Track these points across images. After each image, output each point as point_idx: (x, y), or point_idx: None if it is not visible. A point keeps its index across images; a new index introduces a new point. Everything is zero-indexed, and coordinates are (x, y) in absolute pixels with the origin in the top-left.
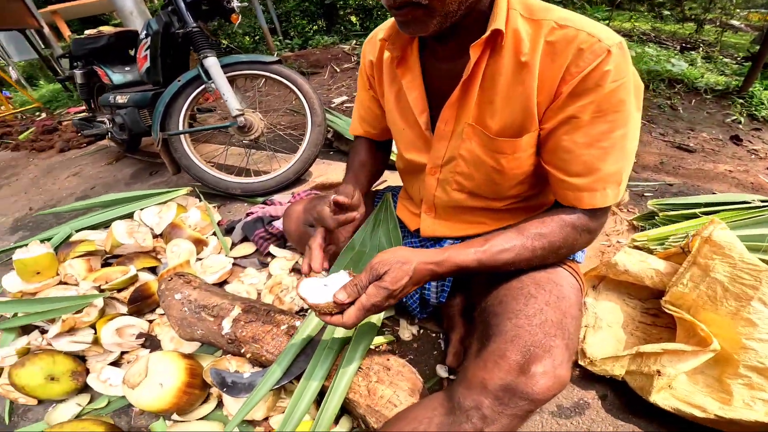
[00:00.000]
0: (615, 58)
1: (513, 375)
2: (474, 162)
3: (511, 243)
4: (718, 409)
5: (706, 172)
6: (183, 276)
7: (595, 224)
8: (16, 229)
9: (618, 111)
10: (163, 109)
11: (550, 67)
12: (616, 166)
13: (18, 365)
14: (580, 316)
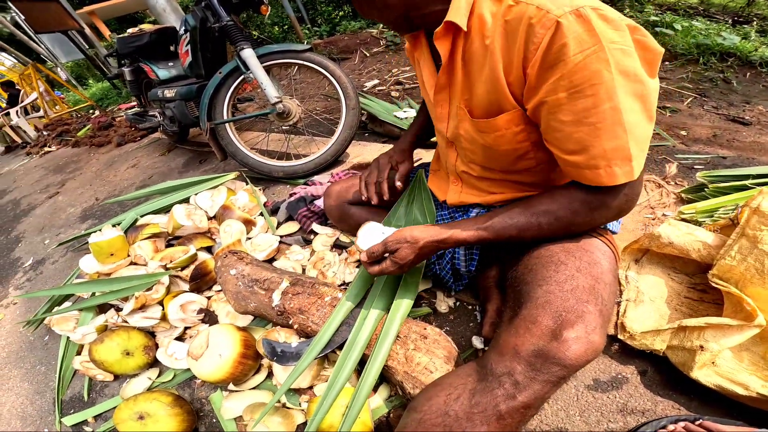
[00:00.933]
0: (571, 28)
1: (545, 340)
2: (470, 140)
3: (514, 220)
4: (761, 387)
5: (762, 145)
6: (236, 253)
7: (615, 200)
8: (85, 217)
9: (596, 83)
10: (209, 101)
11: (510, 48)
12: (616, 142)
13: (97, 341)
14: (614, 283)
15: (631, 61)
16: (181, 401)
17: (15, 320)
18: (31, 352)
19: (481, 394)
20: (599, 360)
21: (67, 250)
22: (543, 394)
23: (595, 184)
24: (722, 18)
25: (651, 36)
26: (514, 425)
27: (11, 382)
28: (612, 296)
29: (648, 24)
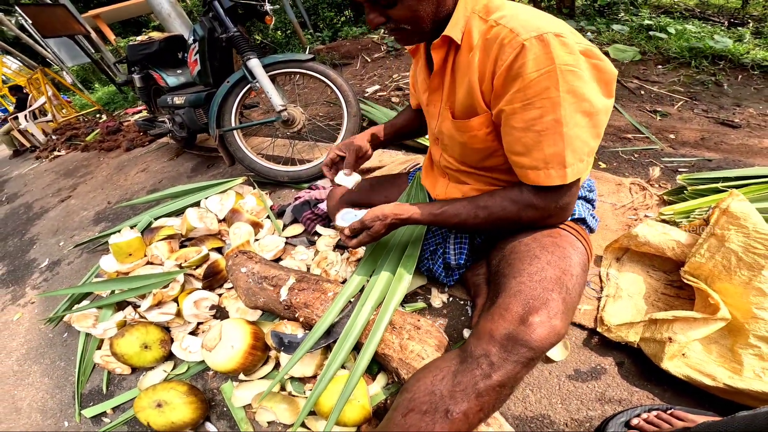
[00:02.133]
0: (532, 50)
1: (515, 325)
2: (449, 137)
3: (459, 211)
4: (728, 378)
5: (750, 147)
6: (246, 253)
7: (542, 202)
8: (98, 220)
9: (545, 98)
10: (217, 109)
11: (484, 62)
12: (554, 149)
13: (118, 335)
14: (581, 276)
15: (580, 82)
16: (195, 390)
17: (33, 319)
18: (51, 348)
19: (462, 374)
20: (580, 351)
21: (82, 251)
22: (515, 374)
23: (534, 184)
24: (718, 20)
25: (607, 59)
26: (491, 402)
27: (31, 378)
28: (578, 287)
29: (642, 28)
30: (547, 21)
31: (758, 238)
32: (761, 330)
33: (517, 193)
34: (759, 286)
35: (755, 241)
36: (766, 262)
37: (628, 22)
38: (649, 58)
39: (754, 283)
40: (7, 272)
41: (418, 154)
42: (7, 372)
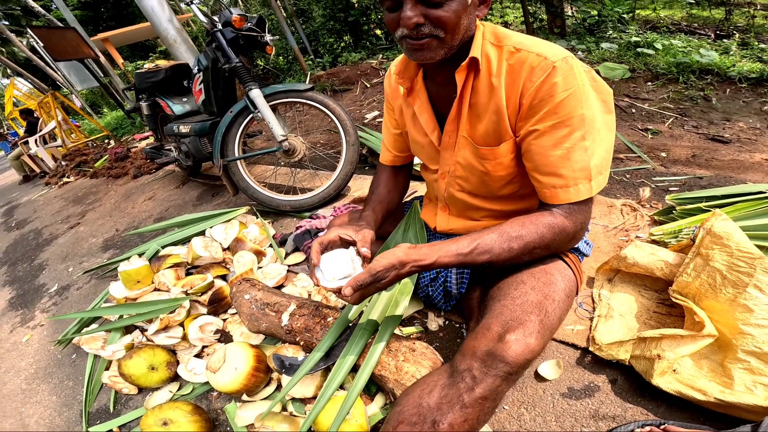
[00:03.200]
0: (561, 71)
1: (494, 342)
2: (468, 167)
3: (490, 246)
4: (719, 393)
5: (741, 163)
6: (249, 281)
7: (572, 225)
8: (107, 247)
9: (573, 116)
10: (221, 138)
11: (512, 86)
12: (581, 164)
13: (127, 357)
14: (564, 301)
15: (596, 101)
16: (199, 410)
17: (43, 340)
18: (59, 368)
19: (448, 388)
20: (573, 370)
21: (91, 277)
22: (495, 387)
23: (565, 202)
24: (704, 33)
25: (601, 79)
26: (475, 414)
27: (39, 396)
28: (558, 311)
29: (630, 45)
30: (558, 47)
31: (741, 256)
32: (749, 345)
33: (550, 218)
34: (744, 303)
35: (738, 260)
36: (749, 280)
37: (617, 39)
38: (639, 75)
39: (739, 300)
40: (17, 296)
41: (415, 182)
42: (16, 390)
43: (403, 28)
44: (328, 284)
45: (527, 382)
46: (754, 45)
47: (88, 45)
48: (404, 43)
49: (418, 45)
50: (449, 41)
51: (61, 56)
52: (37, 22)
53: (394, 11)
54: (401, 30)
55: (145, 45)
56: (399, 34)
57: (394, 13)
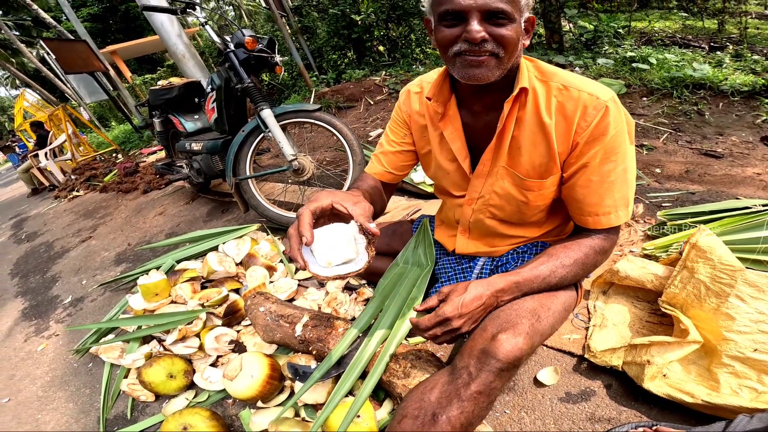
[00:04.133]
0: (612, 111)
1: (487, 342)
2: (506, 197)
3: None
4: (706, 395)
5: (733, 177)
6: (263, 294)
7: (609, 243)
8: (119, 261)
9: (618, 152)
10: (233, 157)
11: (563, 123)
12: (622, 193)
13: (146, 365)
14: (560, 311)
15: (630, 130)
16: (216, 416)
17: (58, 349)
18: (76, 377)
19: (448, 385)
20: (570, 376)
21: (105, 290)
22: (489, 383)
23: (606, 227)
24: (698, 45)
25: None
26: (471, 408)
27: (56, 403)
28: (551, 319)
29: (626, 60)
30: (602, 85)
31: (723, 269)
32: (732, 350)
33: (595, 241)
34: (726, 312)
35: (720, 272)
36: (731, 290)
37: (613, 54)
38: (634, 90)
39: (722, 309)
40: (30, 306)
41: (420, 200)
42: (32, 397)
43: (462, 44)
44: (321, 271)
45: (527, 388)
46: (747, 56)
47: (98, 58)
48: (460, 60)
49: (477, 61)
50: (506, 62)
51: (71, 69)
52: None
53: (452, 27)
54: (459, 45)
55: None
56: (455, 50)
57: (453, 29)
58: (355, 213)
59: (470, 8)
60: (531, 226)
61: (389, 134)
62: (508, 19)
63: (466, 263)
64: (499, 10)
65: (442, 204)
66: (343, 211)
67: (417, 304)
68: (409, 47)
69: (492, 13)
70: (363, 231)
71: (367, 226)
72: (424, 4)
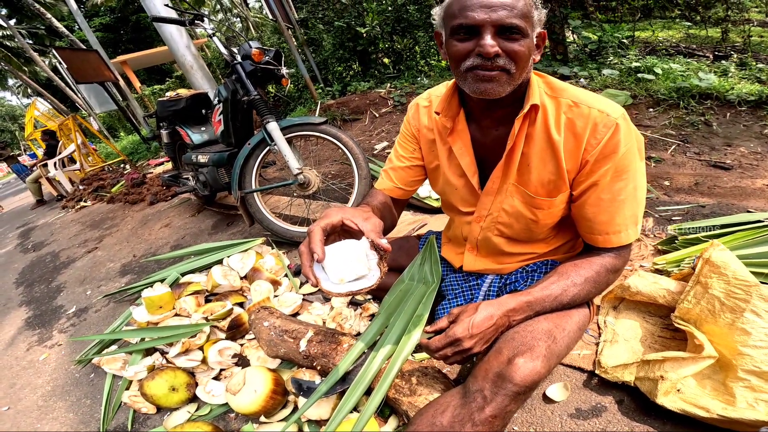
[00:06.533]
0: (622, 128)
1: (503, 365)
2: (515, 215)
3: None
4: (721, 410)
5: (742, 189)
6: (267, 308)
7: (621, 261)
8: (124, 272)
9: (628, 170)
10: (239, 170)
11: (573, 140)
12: (631, 212)
13: (149, 378)
14: (574, 330)
15: (640, 147)
16: (218, 430)
17: (60, 359)
18: (77, 387)
19: (460, 408)
20: (581, 392)
21: (109, 301)
22: (504, 407)
23: (616, 245)
24: (703, 53)
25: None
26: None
27: (56, 413)
28: (567, 339)
29: (631, 70)
30: (612, 102)
31: (738, 284)
32: (748, 365)
33: (606, 260)
34: (742, 327)
35: (735, 287)
36: (746, 306)
37: (618, 65)
38: (640, 101)
39: (738, 324)
40: (34, 316)
41: (426, 214)
42: (32, 406)
43: (475, 58)
44: (334, 288)
45: (536, 404)
46: (752, 65)
47: (108, 68)
48: (471, 74)
49: (489, 76)
50: (517, 77)
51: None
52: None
53: (465, 41)
54: (471, 60)
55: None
56: (467, 65)
57: (466, 43)
58: (366, 229)
59: (484, 23)
60: (539, 243)
61: (398, 149)
62: (522, 35)
63: (473, 281)
64: (513, 25)
65: (449, 221)
66: (354, 227)
67: (423, 321)
68: (414, 59)
69: (505, 29)
70: (374, 247)
71: (379, 242)
72: (434, 17)
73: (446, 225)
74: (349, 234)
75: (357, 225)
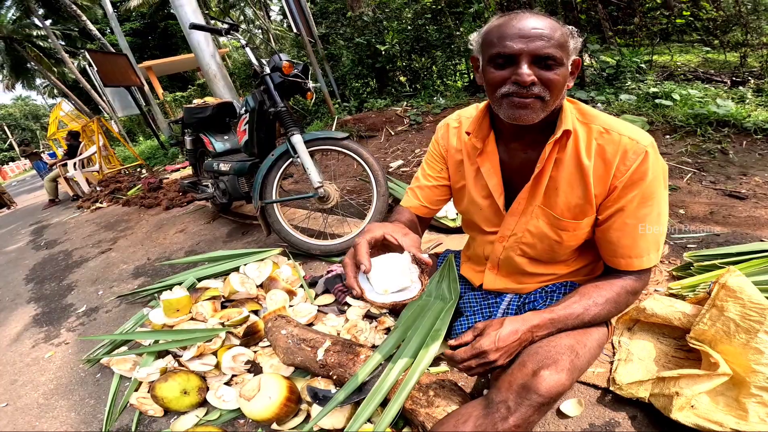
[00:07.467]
0: (651, 156)
1: (528, 377)
2: (539, 236)
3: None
4: (735, 424)
5: (756, 219)
6: (284, 317)
7: (641, 284)
8: (137, 275)
9: (654, 197)
10: (262, 180)
11: (602, 166)
12: (654, 237)
13: (162, 380)
14: (594, 347)
15: (665, 175)
16: None
17: (66, 358)
18: (82, 386)
19: (483, 418)
20: (594, 408)
21: (121, 302)
22: (528, 417)
23: (638, 269)
24: (720, 79)
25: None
26: None
27: (57, 411)
28: (588, 355)
29: (648, 96)
30: (641, 130)
31: (753, 307)
32: (761, 381)
33: (627, 282)
34: (756, 346)
35: (750, 310)
36: (760, 327)
37: (635, 90)
38: (657, 128)
39: (752, 344)
40: (42, 313)
41: (441, 234)
42: (32, 404)
43: (511, 86)
44: (378, 298)
45: (549, 419)
46: None
47: (135, 73)
48: (507, 101)
49: (523, 103)
50: (551, 105)
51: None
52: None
53: (502, 68)
54: (507, 87)
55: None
56: (503, 91)
57: (503, 70)
58: (407, 244)
59: (521, 52)
60: (560, 265)
61: (426, 168)
62: (557, 64)
63: (492, 299)
64: (549, 55)
65: (469, 240)
66: (394, 242)
67: (441, 335)
68: (431, 78)
69: (542, 58)
70: (416, 261)
71: (420, 256)
72: (472, 42)
73: (465, 244)
74: (387, 248)
75: (397, 240)
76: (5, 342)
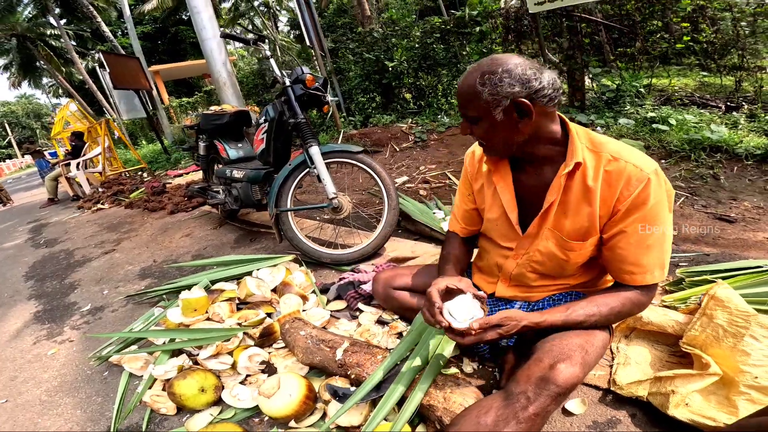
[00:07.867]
0: (653, 182)
1: (546, 370)
2: (548, 255)
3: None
4: (726, 419)
5: (744, 241)
6: (301, 320)
7: (646, 298)
8: (144, 276)
9: (657, 220)
10: (278, 189)
11: (608, 191)
12: (657, 256)
13: (180, 377)
14: (601, 347)
15: (670, 199)
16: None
17: (71, 355)
18: (88, 384)
19: (504, 408)
20: (596, 407)
21: (128, 301)
22: (546, 406)
23: (642, 284)
24: (715, 104)
25: (668, 181)
26: (526, 429)
27: (61, 409)
28: (595, 353)
29: (646, 120)
30: (647, 157)
31: (739, 314)
32: (748, 380)
33: (635, 295)
34: (742, 349)
35: (737, 317)
36: (746, 332)
37: (633, 114)
38: (653, 152)
39: (739, 347)
40: (44, 310)
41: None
42: (33, 401)
43: None
44: (461, 325)
45: (556, 417)
46: (761, 117)
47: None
48: None
49: (482, 147)
50: (492, 148)
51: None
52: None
53: None
54: None
55: (188, 82)
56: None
57: None
58: (464, 287)
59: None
60: (568, 278)
61: (460, 193)
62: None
63: (502, 306)
64: (466, 115)
65: (481, 252)
66: (454, 288)
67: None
68: (436, 96)
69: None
70: (476, 297)
71: (478, 293)
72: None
73: (477, 255)
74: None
75: (456, 286)
76: (4, 338)
